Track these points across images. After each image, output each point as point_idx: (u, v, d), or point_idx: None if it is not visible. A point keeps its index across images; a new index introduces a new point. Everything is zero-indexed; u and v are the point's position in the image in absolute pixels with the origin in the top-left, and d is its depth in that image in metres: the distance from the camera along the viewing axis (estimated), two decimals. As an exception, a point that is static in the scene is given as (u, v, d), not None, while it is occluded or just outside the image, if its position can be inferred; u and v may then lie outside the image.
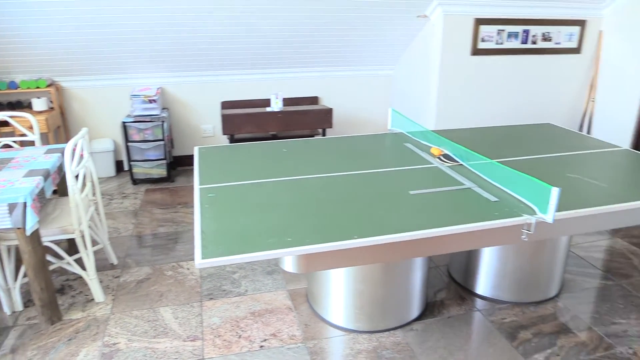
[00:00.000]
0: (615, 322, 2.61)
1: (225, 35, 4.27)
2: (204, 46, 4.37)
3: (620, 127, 4.63)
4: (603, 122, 4.80)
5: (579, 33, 4.68)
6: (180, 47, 4.33)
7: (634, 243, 3.46)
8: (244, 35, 4.31)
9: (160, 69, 4.60)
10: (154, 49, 4.29)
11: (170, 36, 4.17)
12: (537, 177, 2.02)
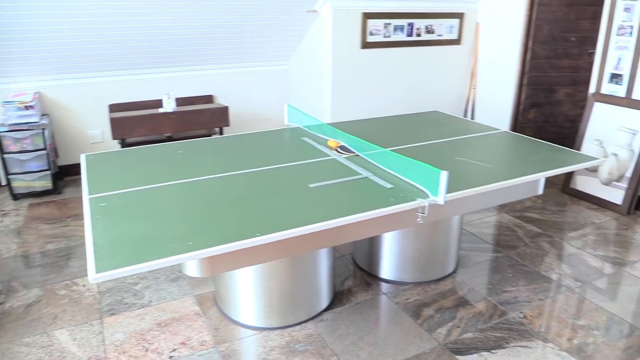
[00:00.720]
0: (506, 290, 2.83)
1: (110, 34, 4.03)
2: (86, 45, 4.09)
3: (499, 111, 5.03)
4: (484, 107, 5.18)
5: (458, 25, 5.00)
6: (59, 47, 4.02)
7: (518, 217, 3.78)
8: (131, 34, 4.10)
9: (36, 71, 4.23)
10: (29, 50, 3.94)
11: (47, 35, 3.85)
12: (427, 163, 2.13)
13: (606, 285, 2.93)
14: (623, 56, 3.89)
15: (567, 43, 4.87)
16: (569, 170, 2.52)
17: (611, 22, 3.92)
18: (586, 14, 4.80)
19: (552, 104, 5.01)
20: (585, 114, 4.13)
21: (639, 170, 3.78)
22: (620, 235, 3.55)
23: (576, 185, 4.17)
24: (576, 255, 3.25)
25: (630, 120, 3.84)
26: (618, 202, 3.89)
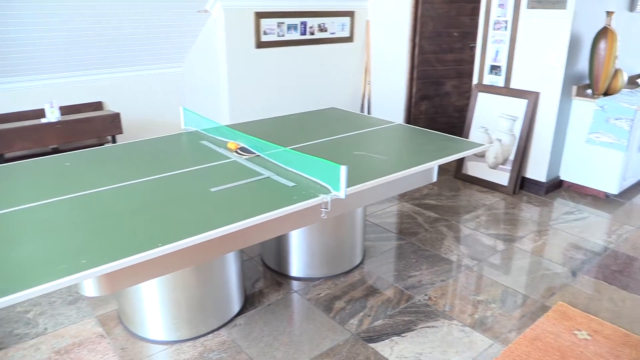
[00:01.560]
0: (411, 275, 2.96)
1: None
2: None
3: (394, 105, 5.25)
4: (380, 101, 5.37)
5: (349, 23, 5.14)
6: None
7: (417, 204, 3.97)
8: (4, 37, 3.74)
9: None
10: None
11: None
12: (327, 159, 2.16)
13: (499, 261, 3.17)
14: (500, 49, 4.21)
15: (450, 38, 5.18)
16: (459, 157, 2.69)
17: (488, 18, 4.23)
18: (466, 11, 5.14)
19: (441, 95, 5.32)
20: (471, 104, 4.43)
21: (520, 153, 4.13)
22: (509, 213, 3.86)
23: (467, 171, 4.47)
24: (471, 236, 3.47)
25: (510, 107, 4.17)
26: (504, 183, 4.22)
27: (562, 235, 3.53)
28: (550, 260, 3.18)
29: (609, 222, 3.76)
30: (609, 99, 3.95)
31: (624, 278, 3.00)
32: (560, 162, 4.27)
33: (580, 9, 3.80)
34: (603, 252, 3.30)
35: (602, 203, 4.09)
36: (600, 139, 3.94)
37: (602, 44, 3.87)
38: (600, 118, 3.91)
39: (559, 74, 3.90)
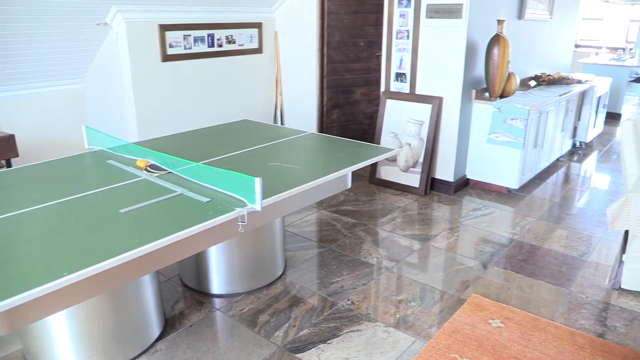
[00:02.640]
0: (333, 281, 2.99)
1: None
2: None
3: (306, 114, 5.30)
4: (292, 112, 5.41)
5: (258, 34, 5.13)
6: None
7: (335, 211, 4.02)
8: None
9: None
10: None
11: None
12: (241, 172, 2.13)
13: (417, 260, 3.28)
14: (404, 57, 4.40)
15: (357, 47, 5.33)
16: (371, 162, 2.76)
17: (391, 27, 4.40)
18: (370, 21, 5.32)
19: (352, 103, 5.45)
20: (380, 111, 4.57)
21: (429, 155, 4.32)
22: (422, 214, 4.02)
23: (381, 175, 4.60)
24: (389, 238, 3.57)
25: (416, 112, 4.36)
26: (416, 185, 4.40)
27: (471, 230, 3.73)
28: (463, 256, 3.35)
29: (512, 215, 4.03)
30: (504, 101, 4.24)
31: (529, 266, 3.22)
32: (466, 161, 4.53)
33: (475, 18, 4.06)
34: (509, 244, 3.52)
35: (506, 198, 4.38)
36: (500, 138, 4.22)
37: (495, 50, 4.16)
38: (498, 119, 4.19)
39: (458, 79, 4.14)
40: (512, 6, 4.71)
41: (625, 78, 7.43)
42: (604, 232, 3.69)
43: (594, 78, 6.03)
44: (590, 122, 5.82)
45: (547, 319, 2.67)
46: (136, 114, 4.30)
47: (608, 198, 4.49)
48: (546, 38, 5.70)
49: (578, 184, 4.95)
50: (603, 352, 2.43)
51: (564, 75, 5.53)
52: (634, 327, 2.64)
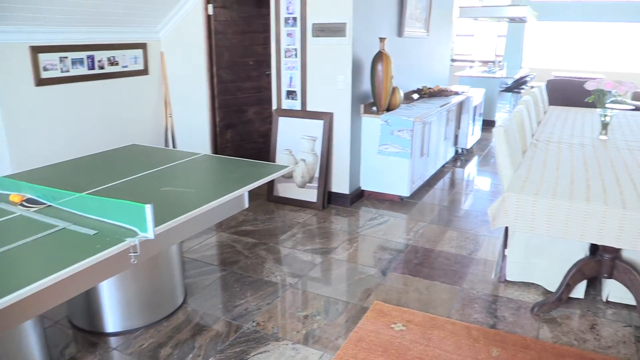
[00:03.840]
0: (237, 304, 2.92)
1: None
2: None
3: (199, 136, 5.18)
4: (184, 134, 5.26)
5: (142, 55, 4.94)
6: None
7: (234, 232, 3.95)
8: None
9: None
10: None
11: None
12: (131, 199, 2.02)
13: (319, 273, 3.32)
14: (294, 75, 4.47)
15: (247, 67, 5.34)
16: (267, 181, 2.75)
17: (279, 46, 4.46)
18: (258, 40, 5.36)
19: (245, 123, 5.42)
20: (273, 129, 4.60)
21: (324, 170, 4.41)
22: (321, 228, 4.07)
23: (279, 193, 4.61)
24: (290, 255, 3.58)
25: (309, 128, 4.44)
26: (314, 200, 4.46)
27: (369, 240, 3.85)
28: (363, 265, 3.44)
29: (406, 222, 4.22)
30: (391, 114, 4.46)
31: (424, 269, 3.39)
32: (359, 174, 4.68)
33: (358, 36, 4.25)
34: (405, 249, 3.68)
35: (399, 206, 4.58)
36: (389, 149, 4.42)
37: (379, 66, 4.37)
38: (386, 131, 4.40)
39: (347, 95, 4.29)
40: (392, 25, 4.99)
41: (496, 88, 8.16)
42: (488, 230, 3.99)
43: (469, 89, 6.56)
44: (469, 129, 6.30)
45: (444, 317, 2.81)
46: (8, 145, 3.93)
47: (489, 198, 4.88)
48: (425, 54, 6.11)
49: (463, 188, 5.33)
50: (496, 342, 2.60)
51: (443, 88, 5.95)
52: (520, 315, 2.87)
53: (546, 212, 2.61)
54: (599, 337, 2.68)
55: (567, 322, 2.81)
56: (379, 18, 4.67)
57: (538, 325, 2.78)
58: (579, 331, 2.73)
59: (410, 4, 5.22)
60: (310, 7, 4.24)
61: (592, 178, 2.95)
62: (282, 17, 4.38)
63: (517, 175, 3.00)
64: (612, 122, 4.34)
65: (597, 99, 3.98)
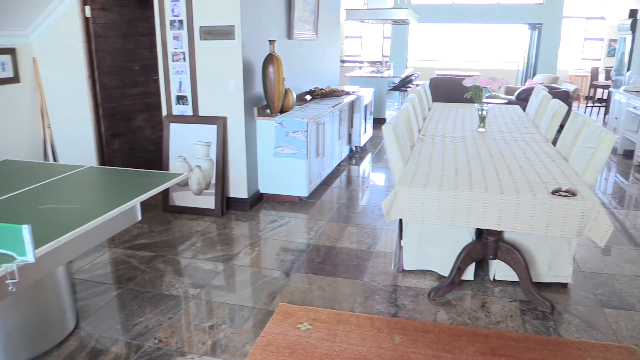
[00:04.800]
0: (136, 323, 2.77)
1: None
2: None
3: (83, 147, 4.83)
4: (66, 145, 4.88)
5: (12, 62, 4.51)
6: None
7: (129, 247, 3.74)
8: None
9: None
10: None
11: None
12: (5, 221, 1.83)
13: (222, 281, 3.24)
14: (183, 79, 4.33)
15: (132, 72, 5.08)
16: (160, 190, 2.64)
17: (166, 50, 4.30)
18: (143, 44, 5.12)
19: (134, 131, 5.16)
20: (165, 136, 4.42)
21: (220, 175, 4.32)
22: (222, 234, 3.99)
23: (174, 202, 4.44)
24: (191, 265, 3.46)
25: (202, 134, 4.33)
26: (212, 207, 4.36)
27: (271, 242, 3.84)
28: (266, 268, 3.42)
29: (306, 222, 4.27)
30: (285, 116, 4.48)
31: (327, 266, 3.45)
32: (257, 177, 4.65)
33: (248, 39, 4.21)
34: (307, 249, 3.72)
35: (298, 206, 4.62)
36: (285, 151, 4.44)
37: (270, 69, 4.37)
38: (281, 133, 4.41)
39: (239, 98, 4.24)
40: (281, 27, 5.02)
41: (385, 87, 8.53)
42: (384, 223, 4.15)
43: (359, 89, 6.79)
44: (362, 128, 6.52)
45: (348, 312, 2.88)
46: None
47: (385, 193, 5.08)
48: (315, 55, 6.22)
49: (359, 184, 5.50)
50: (398, 329, 2.71)
51: (335, 88, 6.10)
52: (418, 301, 3.02)
53: (435, 202, 2.77)
54: (490, 314, 2.90)
55: (460, 303, 3.00)
56: (268, 20, 4.67)
57: (435, 309, 2.94)
58: (471, 310, 2.93)
59: (299, 6, 5.29)
60: (197, 9, 4.13)
61: (473, 168, 3.18)
62: (167, 19, 4.22)
63: (407, 169, 3.15)
64: (488, 115, 4.71)
65: (474, 95, 4.31)
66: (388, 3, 8.03)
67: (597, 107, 10.62)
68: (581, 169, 3.15)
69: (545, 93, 5.28)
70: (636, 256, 3.70)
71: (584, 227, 2.63)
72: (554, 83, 9.16)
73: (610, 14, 12.63)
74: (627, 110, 6.90)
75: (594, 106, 10.67)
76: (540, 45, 11.12)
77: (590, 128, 3.29)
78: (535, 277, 3.10)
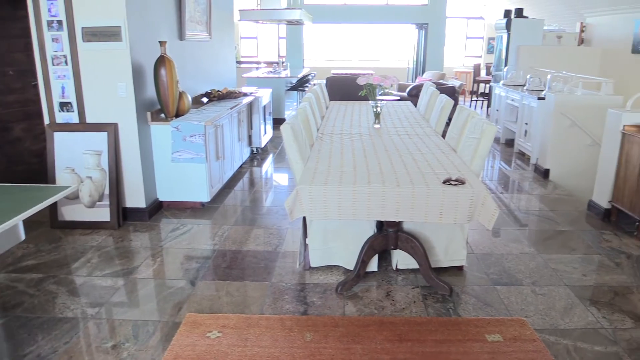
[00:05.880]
0: (26, 353, 2.53)
1: None
2: None
3: (-48, 163, 4.33)
4: None
5: None
6: None
7: (12, 271, 3.41)
8: None
9: None
10: None
11: None
12: None
13: (123, 297, 3.07)
14: (66, 84, 4.03)
15: (7, 77, 4.65)
16: (45, 206, 2.42)
17: (44, 53, 3.96)
18: (19, 47, 4.70)
19: (12, 142, 4.72)
20: (49, 146, 4.09)
21: (114, 185, 4.08)
22: (120, 247, 3.77)
23: (64, 217, 4.12)
24: (87, 283, 3.23)
25: (92, 142, 4.06)
26: (107, 219, 4.10)
27: (174, 251, 3.69)
28: (171, 279, 3.29)
29: (210, 227, 4.17)
30: (181, 120, 4.34)
31: (234, 271, 3.39)
32: (155, 184, 4.46)
33: (136, 40, 4.01)
34: (212, 255, 3.63)
35: (201, 212, 4.49)
36: (183, 156, 4.30)
37: (162, 71, 4.20)
38: (178, 137, 4.26)
39: (130, 103, 4.03)
40: (172, 28, 4.84)
41: (282, 87, 8.56)
42: (289, 223, 4.16)
43: (257, 90, 6.74)
44: (261, 129, 6.49)
45: (258, 315, 2.85)
46: None
47: (288, 192, 5.09)
48: (210, 57, 6.08)
49: (262, 186, 5.48)
50: (308, 327, 2.73)
51: (232, 90, 6.01)
52: (327, 297, 3.06)
53: (336, 199, 2.83)
54: (394, 302, 3.02)
55: (367, 295, 3.09)
56: (158, 21, 4.48)
57: (343, 303, 3.00)
58: (377, 300, 3.03)
59: (189, 6, 5.14)
60: (78, 9, 3.86)
61: (371, 163, 3.28)
62: (44, 19, 3.89)
63: (307, 168, 3.18)
64: (383, 112, 4.90)
65: (368, 93, 4.45)
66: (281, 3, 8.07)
67: (480, 100, 11.46)
68: (468, 159, 3.37)
69: (434, 89, 5.59)
70: (521, 235, 4.04)
71: (473, 213, 2.82)
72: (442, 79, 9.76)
73: (488, 14, 13.70)
74: (507, 103, 7.51)
75: (478, 100, 11.51)
76: (427, 44, 11.76)
77: (474, 120, 3.53)
78: (434, 262, 3.28)
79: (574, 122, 5.66)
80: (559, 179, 5.68)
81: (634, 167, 3.98)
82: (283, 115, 8.54)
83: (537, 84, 6.93)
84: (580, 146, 5.70)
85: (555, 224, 4.30)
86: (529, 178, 5.81)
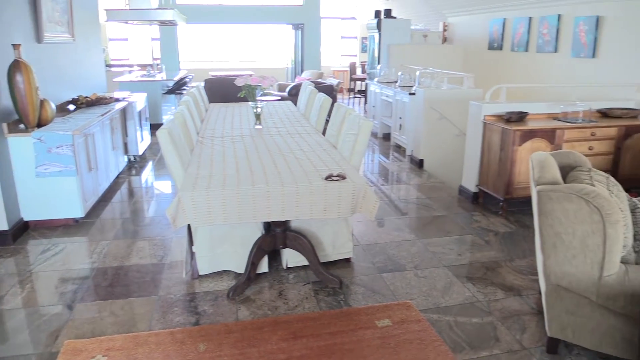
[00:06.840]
0: None
1: None
2: None
3: None
4: None
5: None
6: None
7: None
8: None
9: None
10: None
11: None
12: None
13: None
14: None
15: None
16: None
17: None
18: None
19: None
20: None
21: (-32, 207, 3.62)
22: (-20, 276, 3.36)
23: None
24: (-60, 321, 2.84)
25: None
26: (-38, 245, 3.63)
27: (46, 275, 3.37)
28: (44, 305, 3.00)
29: (87, 245, 3.86)
30: (44, 130, 3.97)
31: (117, 289, 3.17)
32: (18, 203, 4.02)
33: (-20, 45, 3.59)
34: (91, 274, 3.37)
35: (75, 229, 4.15)
36: (49, 169, 3.93)
37: (18, 77, 3.81)
38: (42, 150, 3.89)
39: (-19, 114, 3.60)
40: (27, 29, 4.40)
41: (159, 91, 8.19)
42: (174, 232, 3.99)
43: (131, 95, 6.38)
44: (138, 136, 6.16)
45: (146, 332, 2.70)
46: None
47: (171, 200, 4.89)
48: (74, 60, 5.63)
49: (142, 195, 5.20)
50: (201, 337, 2.65)
51: (102, 96, 5.62)
52: (218, 304, 2.99)
53: (220, 203, 2.77)
54: (287, 300, 3.03)
55: (259, 297, 3.07)
56: (9, 22, 4.04)
57: (236, 308, 2.95)
58: (270, 301, 3.02)
59: (46, 5, 4.70)
60: None
61: (254, 164, 3.26)
62: None
63: (189, 173, 3.08)
64: (263, 112, 4.89)
65: (247, 94, 4.41)
66: (152, 3, 7.72)
67: (357, 97, 11.94)
68: (348, 154, 3.48)
69: (312, 88, 5.71)
70: (402, 224, 4.27)
71: (355, 206, 2.92)
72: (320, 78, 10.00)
73: (360, 15, 14.29)
74: (382, 99, 7.89)
75: (355, 97, 11.98)
76: (304, 44, 11.96)
77: (351, 117, 3.65)
78: (323, 257, 3.35)
79: (442, 115, 6.11)
80: (433, 168, 6.10)
81: (495, 154, 4.39)
82: (161, 120, 8.19)
83: (407, 80, 7.37)
84: (449, 137, 6.17)
85: (432, 210, 4.60)
86: (406, 169, 6.16)
